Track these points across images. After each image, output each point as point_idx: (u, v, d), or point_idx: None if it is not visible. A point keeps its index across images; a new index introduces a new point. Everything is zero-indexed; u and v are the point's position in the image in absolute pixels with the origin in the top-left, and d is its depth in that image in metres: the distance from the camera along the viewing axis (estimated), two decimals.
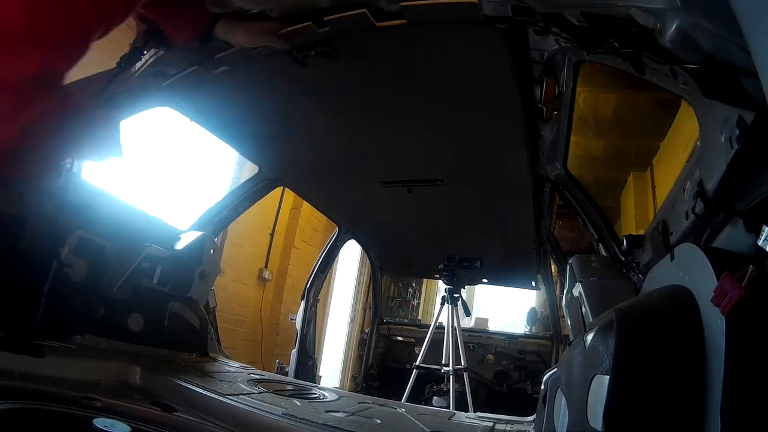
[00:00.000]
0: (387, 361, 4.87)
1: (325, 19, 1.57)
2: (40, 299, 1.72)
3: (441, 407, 3.62)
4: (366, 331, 5.15)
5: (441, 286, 5.31)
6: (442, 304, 3.93)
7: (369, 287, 5.40)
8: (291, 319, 3.96)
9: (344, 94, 2.15)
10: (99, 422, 1.20)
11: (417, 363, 3.83)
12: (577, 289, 1.85)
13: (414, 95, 2.07)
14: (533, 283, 4.43)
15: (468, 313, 4.24)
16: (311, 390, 2.37)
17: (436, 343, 4.75)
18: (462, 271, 3.88)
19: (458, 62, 1.81)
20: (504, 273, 4.36)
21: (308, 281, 3.82)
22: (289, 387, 2.30)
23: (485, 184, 2.94)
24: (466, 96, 2.02)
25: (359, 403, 2.23)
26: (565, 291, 2.10)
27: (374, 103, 2.18)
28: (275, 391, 2.02)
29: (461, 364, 3.69)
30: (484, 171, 2.78)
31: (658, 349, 0.92)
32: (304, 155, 2.84)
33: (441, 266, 3.88)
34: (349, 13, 1.53)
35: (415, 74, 1.94)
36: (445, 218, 3.54)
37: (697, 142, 1.24)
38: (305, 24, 1.59)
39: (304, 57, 1.75)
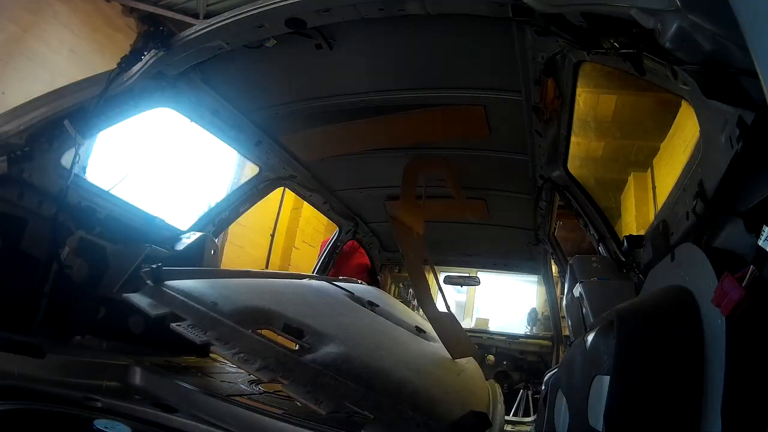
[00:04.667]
0: None
1: None
2: (41, 300, 1.72)
3: None
4: None
5: (442, 286, 5.29)
6: None
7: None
8: None
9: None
10: (99, 423, 1.20)
11: None
12: (578, 290, 1.85)
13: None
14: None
15: None
16: None
17: None
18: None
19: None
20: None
21: None
22: None
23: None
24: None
25: None
26: (565, 291, 2.10)
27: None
28: (276, 392, 2.01)
29: None
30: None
31: (658, 349, 0.92)
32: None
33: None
34: None
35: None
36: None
37: (698, 143, 1.24)
38: None
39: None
